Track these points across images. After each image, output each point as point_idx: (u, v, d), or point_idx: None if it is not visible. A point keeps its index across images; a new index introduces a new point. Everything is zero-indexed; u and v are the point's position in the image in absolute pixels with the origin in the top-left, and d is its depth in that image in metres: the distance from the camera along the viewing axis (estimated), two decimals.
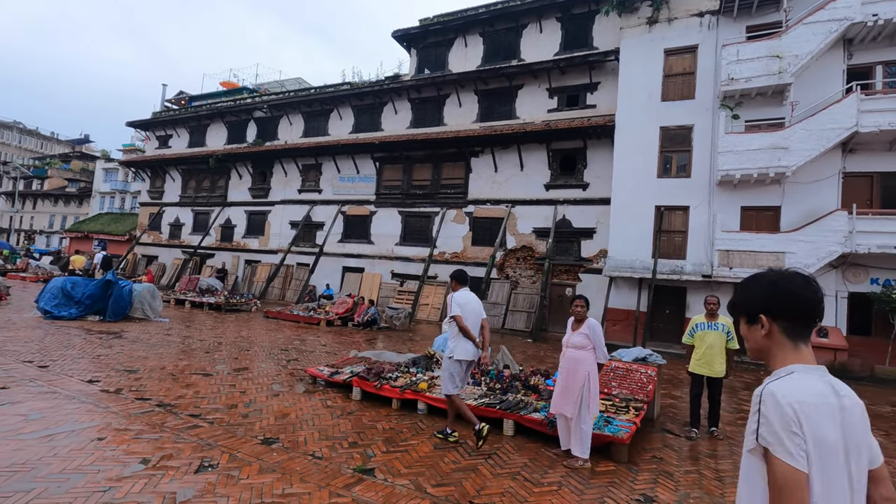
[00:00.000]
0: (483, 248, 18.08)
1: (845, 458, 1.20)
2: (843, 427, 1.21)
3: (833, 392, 1.26)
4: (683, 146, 14.41)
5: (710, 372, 5.52)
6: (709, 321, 5.65)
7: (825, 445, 1.17)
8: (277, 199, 24.02)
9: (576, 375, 4.38)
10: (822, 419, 1.19)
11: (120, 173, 43.54)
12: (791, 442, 1.15)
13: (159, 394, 5.62)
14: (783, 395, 1.20)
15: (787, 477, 1.14)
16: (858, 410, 1.27)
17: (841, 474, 1.19)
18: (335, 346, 10.48)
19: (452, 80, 19.11)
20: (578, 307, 4.58)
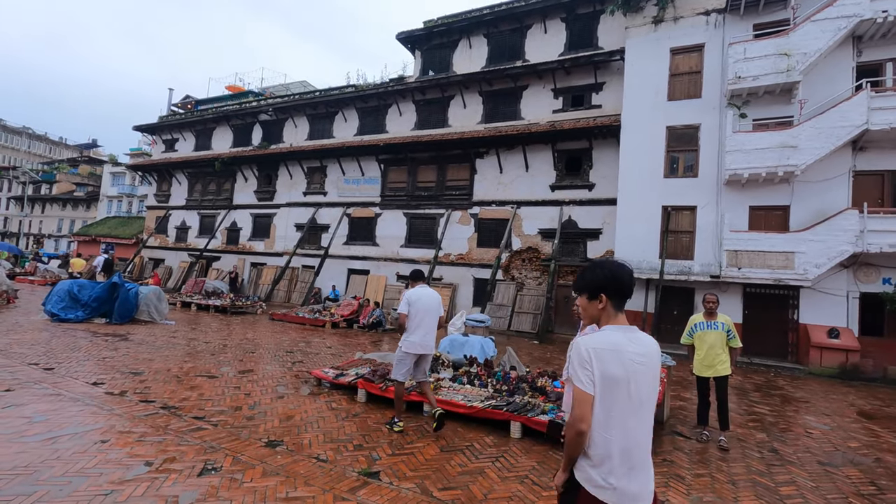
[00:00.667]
0: (488, 249, 18.01)
1: (627, 385, 1.75)
2: (631, 366, 1.76)
3: (629, 342, 1.80)
4: (690, 145, 14.28)
5: (713, 373, 5.41)
6: (708, 320, 5.53)
7: (610, 377, 1.74)
8: (283, 202, 24.07)
9: None
10: (610, 360, 1.76)
11: (127, 177, 43.89)
12: (583, 374, 1.77)
13: (164, 396, 5.59)
14: (584, 343, 1.81)
15: (579, 396, 1.77)
16: (655, 358, 1.85)
17: (623, 396, 1.75)
18: (340, 349, 10.44)
19: (457, 82, 19.08)
20: (576, 307, 4.54)
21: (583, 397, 1.77)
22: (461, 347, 7.82)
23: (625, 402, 1.76)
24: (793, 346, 12.72)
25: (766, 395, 8.46)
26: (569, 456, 1.84)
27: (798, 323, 12.66)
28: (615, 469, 1.75)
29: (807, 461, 4.97)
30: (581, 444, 1.80)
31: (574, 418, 1.78)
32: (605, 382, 1.75)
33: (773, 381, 10.18)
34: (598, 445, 1.77)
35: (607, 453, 1.76)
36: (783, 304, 12.97)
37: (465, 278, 18.33)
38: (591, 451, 1.79)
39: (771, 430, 6.12)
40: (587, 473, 1.80)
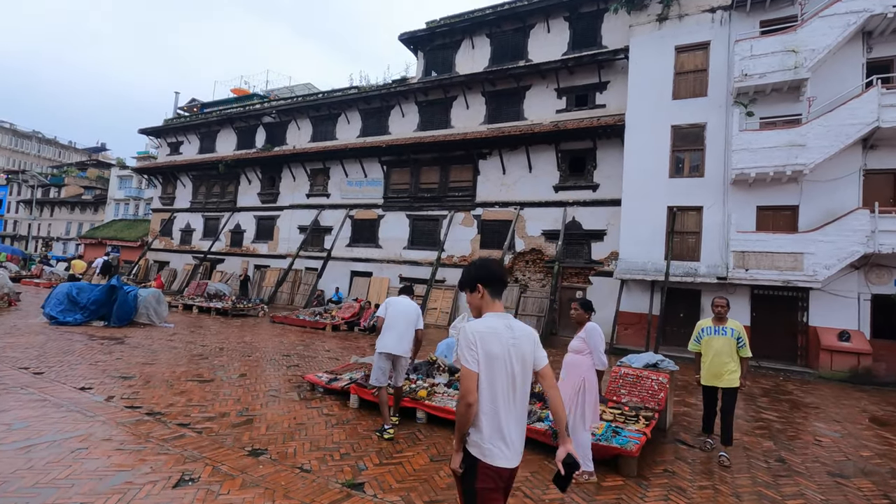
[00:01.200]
0: (492, 251, 17.81)
1: (507, 363, 2.08)
2: (507, 346, 2.09)
3: (506, 327, 2.14)
4: (696, 145, 14.03)
5: (719, 382, 4.95)
6: (716, 325, 5.09)
7: (492, 356, 2.05)
8: (286, 204, 24.03)
9: (570, 381, 4.16)
10: (491, 341, 2.07)
11: (134, 180, 44.13)
12: (469, 354, 2.05)
13: (151, 401, 5.47)
14: (470, 328, 2.11)
15: (466, 374, 2.04)
16: (528, 338, 2.19)
17: (503, 372, 2.07)
18: (339, 352, 10.29)
19: (459, 82, 18.94)
20: (573, 310, 4.47)
21: (469, 375, 2.07)
22: None
23: (504, 376, 2.10)
24: (802, 349, 12.41)
25: (775, 401, 8.21)
26: (460, 431, 2.10)
27: (807, 325, 12.36)
28: (503, 434, 2.06)
29: (816, 472, 4.74)
30: (470, 416, 2.06)
31: (462, 393, 2.07)
32: (487, 360, 2.08)
33: (781, 385, 9.91)
34: (486, 415, 2.07)
35: (495, 422, 2.07)
36: (792, 307, 12.67)
37: None
38: (480, 423, 2.07)
39: (778, 437, 5.88)
40: (479, 447, 2.05)
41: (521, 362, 2.15)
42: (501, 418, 2.07)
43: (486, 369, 2.07)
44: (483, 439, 2.05)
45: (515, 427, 2.12)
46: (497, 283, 2.27)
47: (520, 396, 2.15)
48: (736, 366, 4.94)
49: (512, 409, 2.11)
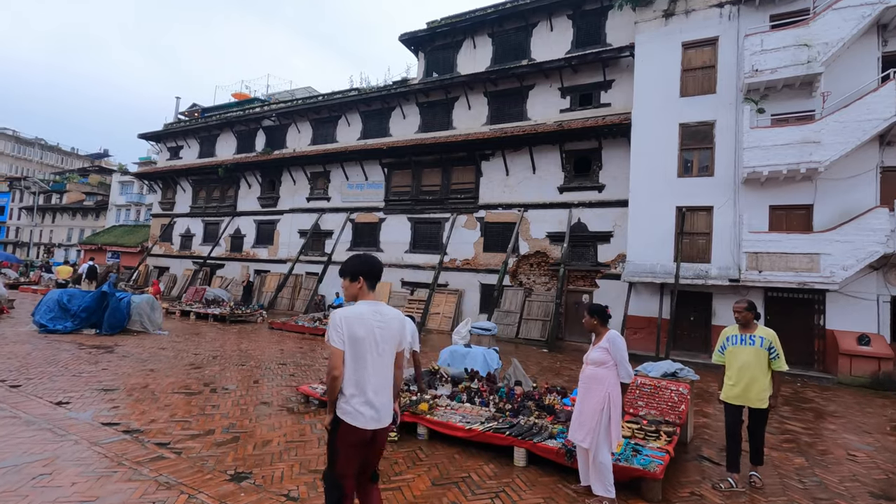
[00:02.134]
0: (495, 254, 17.42)
1: (372, 342, 2.49)
2: (373, 328, 2.50)
3: (375, 312, 2.54)
4: (705, 143, 13.62)
5: (745, 401, 4.19)
6: (742, 333, 4.36)
7: (356, 337, 2.46)
8: (286, 208, 23.70)
9: (592, 397, 3.71)
10: (356, 324, 2.47)
11: (135, 186, 43.95)
12: (336, 335, 2.46)
13: (131, 417, 5.08)
14: (338, 314, 2.51)
15: (333, 351, 2.44)
16: (395, 322, 2.61)
17: (366, 351, 2.48)
18: None
19: (461, 83, 18.60)
20: (588, 316, 3.99)
21: (336, 352, 2.46)
22: (462, 359, 7.23)
23: (370, 354, 2.49)
24: (819, 353, 11.95)
25: (797, 409, 7.77)
26: (330, 398, 2.50)
27: (824, 329, 11.89)
28: (368, 400, 2.45)
29: (858, 493, 4.30)
30: (337, 387, 2.46)
31: (329, 368, 2.47)
32: (352, 341, 2.47)
33: (801, 392, 9.45)
34: (350, 385, 2.46)
35: (359, 390, 2.46)
36: (808, 309, 12.21)
37: (471, 284, 17.75)
38: (346, 391, 2.46)
39: (809, 452, 5.45)
40: (344, 409, 2.44)
41: (387, 341, 2.59)
42: (367, 388, 2.48)
43: (350, 348, 2.49)
44: (349, 405, 2.46)
45: (381, 395, 2.53)
46: (375, 278, 2.70)
47: (385, 369, 2.59)
48: (766, 382, 4.19)
49: (378, 379, 2.53)
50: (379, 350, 2.53)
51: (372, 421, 2.45)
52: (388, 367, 2.60)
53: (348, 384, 2.46)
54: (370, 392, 2.46)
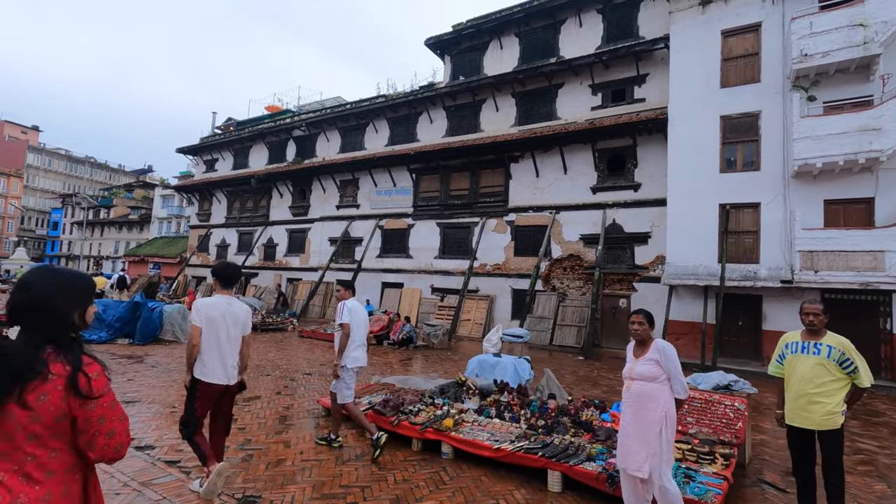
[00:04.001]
0: (526, 258, 16.90)
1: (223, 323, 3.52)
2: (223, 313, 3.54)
3: (226, 303, 3.60)
4: (749, 136, 12.77)
5: (806, 422, 3.41)
6: (805, 340, 3.56)
7: (211, 319, 3.48)
8: (316, 217, 23.87)
9: (647, 418, 3.14)
10: (211, 309, 3.52)
11: (176, 199, 45.47)
12: (196, 316, 3.48)
13: (147, 431, 4.92)
14: (198, 301, 3.58)
15: (193, 328, 3.47)
16: (241, 312, 3.66)
17: (217, 331, 3.50)
18: (365, 368, 9.62)
19: (488, 84, 18.25)
20: (636, 325, 3.34)
21: (195, 329, 3.48)
22: (491, 370, 6.81)
23: (222, 332, 3.52)
24: (886, 360, 10.90)
25: (868, 425, 6.96)
26: (189, 363, 3.49)
27: (891, 334, 10.85)
28: (214, 366, 3.47)
29: None
30: (194, 354, 3.45)
31: (190, 338, 3.48)
32: (207, 322, 3.49)
33: (869, 403, 8.55)
34: (205, 354, 3.46)
35: (210, 358, 3.47)
36: (872, 313, 11.18)
37: (502, 289, 17.27)
38: (204, 357, 3.47)
39: (890, 477, 4.76)
40: (202, 371, 3.45)
41: (234, 324, 3.61)
42: (216, 356, 3.49)
43: (206, 326, 3.48)
44: (204, 367, 3.46)
45: (229, 361, 3.55)
46: (225, 279, 3.71)
47: (232, 342, 3.60)
48: (831, 398, 3.37)
49: (226, 349, 3.53)
50: (228, 329, 3.57)
51: (223, 378, 3.53)
52: (236, 343, 3.63)
53: (206, 352, 3.48)
54: (221, 358, 3.52)
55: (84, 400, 1.37)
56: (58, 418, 1.34)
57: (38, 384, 1.33)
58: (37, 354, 1.37)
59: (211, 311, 3.51)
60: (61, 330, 1.46)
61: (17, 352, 1.35)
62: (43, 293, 1.45)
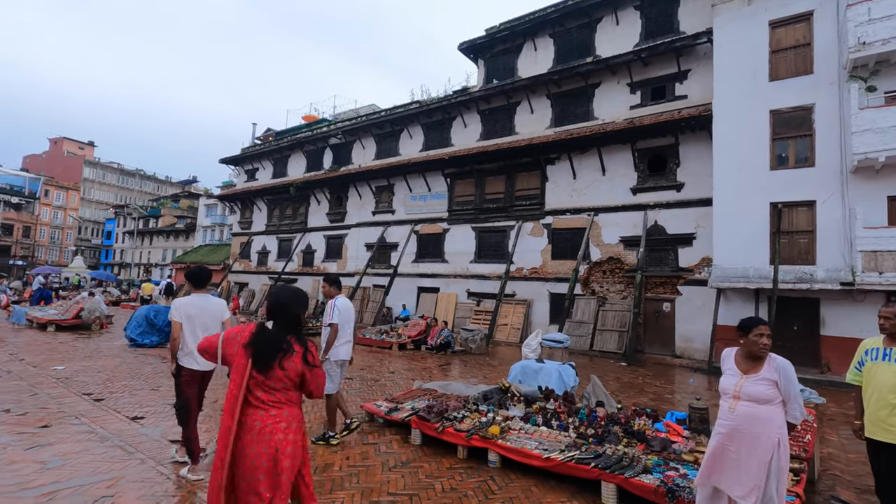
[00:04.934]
0: (564, 261, 16.59)
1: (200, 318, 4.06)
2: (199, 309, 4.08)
3: (202, 299, 4.17)
4: (802, 130, 12.13)
5: (889, 436, 3.12)
6: (888, 346, 3.27)
7: (190, 317, 4.02)
8: (353, 223, 24.22)
9: (758, 444, 2.71)
10: (188, 307, 4.04)
11: (219, 208, 47.20)
12: (175, 313, 3.99)
13: (199, 434, 5.03)
14: (177, 301, 4.09)
15: (174, 324, 3.97)
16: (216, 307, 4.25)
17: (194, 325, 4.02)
18: (404, 374, 9.65)
19: (522, 87, 18.08)
20: (765, 338, 2.87)
21: (175, 324, 3.97)
22: (535, 376, 6.66)
23: (198, 325, 4.02)
24: None
25: None
26: (172, 354, 3.97)
27: None
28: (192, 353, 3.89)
29: None
30: (177, 347, 3.95)
31: (172, 333, 3.96)
32: (186, 317, 4.00)
33: None
34: (186, 345, 3.96)
35: (191, 348, 3.89)
36: None
37: (539, 294, 17.00)
38: (187, 348, 3.95)
39: None
40: (184, 360, 3.97)
41: (211, 317, 4.13)
42: (192, 347, 3.86)
43: (185, 321, 4.00)
44: (185, 356, 3.97)
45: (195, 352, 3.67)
46: (197, 280, 4.25)
47: (210, 333, 3.69)
48: None
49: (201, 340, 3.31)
50: (205, 321, 4.08)
51: (201, 366, 4.01)
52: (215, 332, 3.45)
53: (187, 343, 3.96)
54: (194, 348, 3.76)
55: (310, 366, 2.40)
56: (297, 374, 2.37)
57: (288, 356, 2.35)
58: (286, 338, 2.39)
59: (189, 309, 4.03)
60: (296, 324, 2.49)
61: (276, 336, 2.38)
62: (286, 301, 2.49)
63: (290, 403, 2.36)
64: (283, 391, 2.32)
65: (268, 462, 2.20)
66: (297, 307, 2.49)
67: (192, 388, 4.01)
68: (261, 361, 2.28)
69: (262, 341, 2.33)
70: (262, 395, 2.28)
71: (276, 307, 2.46)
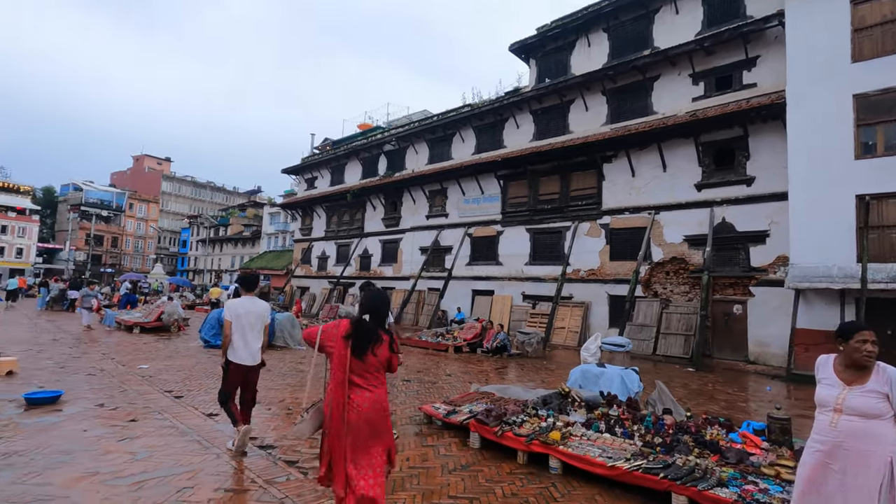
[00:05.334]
0: (624, 262, 16.01)
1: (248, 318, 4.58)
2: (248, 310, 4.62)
3: (251, 302, 4.70)
4: (893, 115, 11.03)
5: None
6: None
7: (239, 316, 4.55)
8: (407, 227, 24.63)
9: (867, 464, 2.42)
10: (238, 309, 4.59)
11: (281, 216, 49.53)
12: (227, 313, 4.58)
13: (267, 432, 5.29)
14: (229, 302, 4.80)
15: (226, 322, 4.54)
16: (262, 307, 4.76)
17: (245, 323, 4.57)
18: (461, 376, 9.66)
19: (576, 84, 17.68)
20: (870, 345, 2.53)
21: (227, 324, 4.50)
22: (596, 381, 6.45)
23: (246, 324, 4.51)
24: None
25: None
26: (224, 350, 4.56)
27: None
28: (243, 349, 4.52)
29: None
30: (227, 343, 4.51)
31: (224, 331, 4.53)
32: (236, 316, 4.51)
33: None
34: (234, 341, 4.51)
35: (238, 344, 4.51)
36: None
37: (598, 296, 16.50)
38: (235, 344, 4.51)
39: None
40: (233, 355, 4.52)
41: (256, 317, 4.64)
42: (241, 343, 4.53)
43: (235, 321, 4.53)
44: (235, 351, 4.53)
45: (252, 347, 4.59)
46: (247, 285, 4.83)
47: (255, 332, 4.63)
48: None
49: (250, 337, 4.56)
50: (251, 322, 4.58)
51: (249, 360, 4.57)
52: (259, 332, 4.69)
53: (235, 339, 4.52)
54: (246, 345, 4.55)
55: (394, 353, 2.97)
56: (385, 360, 2.93)
57: (379, 345, 2.87)
58: (377, 330, 2.90)
59: (238, 310, 4.55)
60: (384, 319, 2.99)
61: (372, 329, 2.89)
62: (377, 302, 2.99)
63: (381, 385, 2.91)
64: (374, 374, 2.87)
65: (366, 426, 2.80)
66: (384, 306, 3.01)
67: (236, 378, 4.56)
68: (358, 349, 2.81)
69: (361, 333, 2.84)
70: (358, 380, 2.82)
71: (370, 306, 2.95)
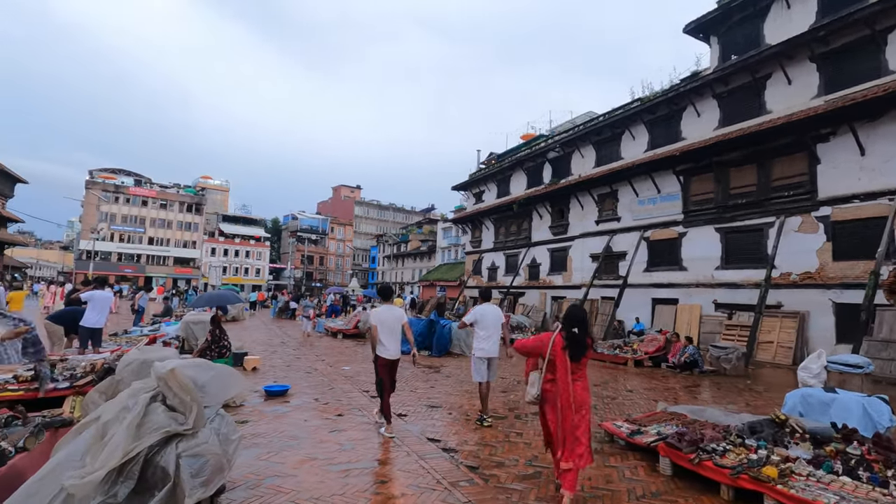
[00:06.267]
0: (854, 262, 12.92)
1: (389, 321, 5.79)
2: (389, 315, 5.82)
3: (389, 309, 5.90)
4: None
5: None
6: None
7: (382, 322, 5.74)
8: (576, 234, 23.83)
9: None
10: (381, 314, 5.80)
11: (453, 230, 52.66)
12: (372, 318, 5.82)
13: (449, 436, 5.60)
14: (372, 311, 6.31)
15: (372, 326, 5.76)
16: (399, 312, 5.97)
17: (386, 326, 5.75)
18: (642, 393, 8.88)
19: (773, 55, 15.05)
20: None
21: (374, 326, 5.67)
22: (823, 409, 5.26)
23: (387, 327, 5.72)
24: None
25: None
26: (373, 346, 5.73)
27: None
28: (386, 346, 5.70)
29: None
30: (375, 341, 5.67)
31: (371, 335, 5.73)
32: (380, 322, 5.68)
33: None
34: (381, 340, 5.67)
35: (385, 342, 5.69)
36: None
37: (818, 304, 13.61)
38: (381, 343, 5.67)
39: None
40: (381, 350, 5.69)
41: (395, 320, 5.79)
42: (387, 341, 5.68)
43: (379, 325, 5.65)
44: (382, 348, 5.66)
45: (393, 344, 5.75)
46: (384, 295, 6.24)
47: (395, 332, 5.77)
48: None
49: (391, 338, 5.71)
50: (392, 325, 5.70)
51: (394, 354, 5.72)
52: (398, 332, 5.78)
53: (382, 339, 5.60)
54: (389, 342, 5.65)
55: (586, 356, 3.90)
56: (586, 362, 3.92)
57: (587, 350, 3.88)
58: (585, 340, 3.86)
59: (380, 316, 5.68)
60: (587, 329, 3.87)
61: (582, 340, 3.84)
62: (582, 316, 3.93)
63: (584, 378, 3.91)
64: (581, 369, 3.89)
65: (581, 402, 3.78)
66: (586, 319, 3.94)
67: (384, 371, 5.63)
68: (575, 355, 3.80)
69: (576, 343, 3.81)
70: (575, 375, 3.82)
71: (577, 319, 3.89)
